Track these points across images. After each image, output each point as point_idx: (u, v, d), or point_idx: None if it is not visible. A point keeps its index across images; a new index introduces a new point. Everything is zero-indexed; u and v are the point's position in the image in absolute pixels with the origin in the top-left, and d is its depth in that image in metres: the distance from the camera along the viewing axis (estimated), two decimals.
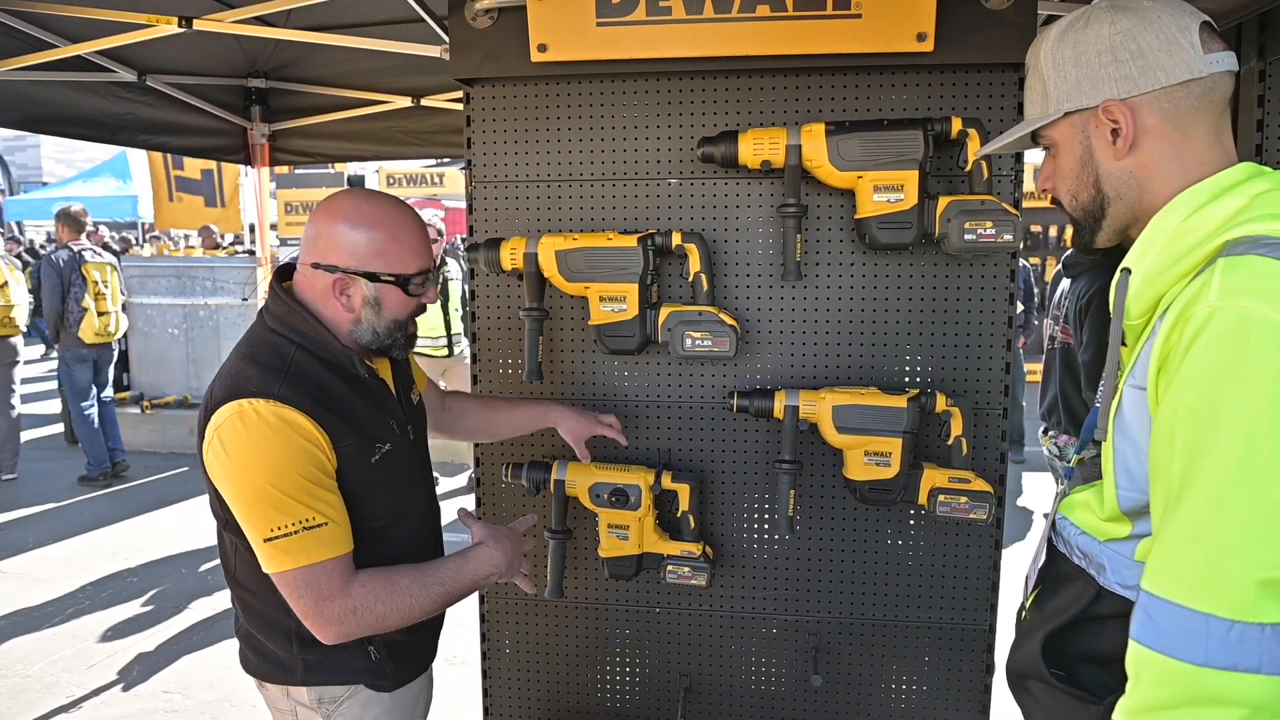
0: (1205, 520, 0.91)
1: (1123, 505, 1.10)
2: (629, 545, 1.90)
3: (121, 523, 5.71)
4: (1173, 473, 0.95)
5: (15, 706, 3.51)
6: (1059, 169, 1.19)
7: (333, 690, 1.55)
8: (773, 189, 1.90)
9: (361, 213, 1.46)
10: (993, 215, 1.70)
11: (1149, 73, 1.07)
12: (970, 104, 1.82)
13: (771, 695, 2.06)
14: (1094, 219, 1.18)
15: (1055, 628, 1.17)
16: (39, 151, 24.34)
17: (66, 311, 6.28)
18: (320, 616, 1.39)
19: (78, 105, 3.56)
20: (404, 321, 1.53)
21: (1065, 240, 9.97)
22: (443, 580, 1.50)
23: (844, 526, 1.98)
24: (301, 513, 1.36)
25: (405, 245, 1.47)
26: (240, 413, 1.35)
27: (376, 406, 1.54)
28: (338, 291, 1.46)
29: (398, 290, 1.48)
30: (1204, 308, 0.93)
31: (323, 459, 1.40)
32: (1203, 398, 0.92)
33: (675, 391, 2.00)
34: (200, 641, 4.07)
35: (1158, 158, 1.09)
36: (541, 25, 1.82)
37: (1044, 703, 1.18)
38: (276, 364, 1.42)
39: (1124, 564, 1.10)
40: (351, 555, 1.43)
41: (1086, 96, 1.11)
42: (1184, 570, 0.92)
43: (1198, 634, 0.90)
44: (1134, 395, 1.06)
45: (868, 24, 1.73)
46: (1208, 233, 1.01)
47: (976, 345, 1.89)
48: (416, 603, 1.46)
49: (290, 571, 1.37)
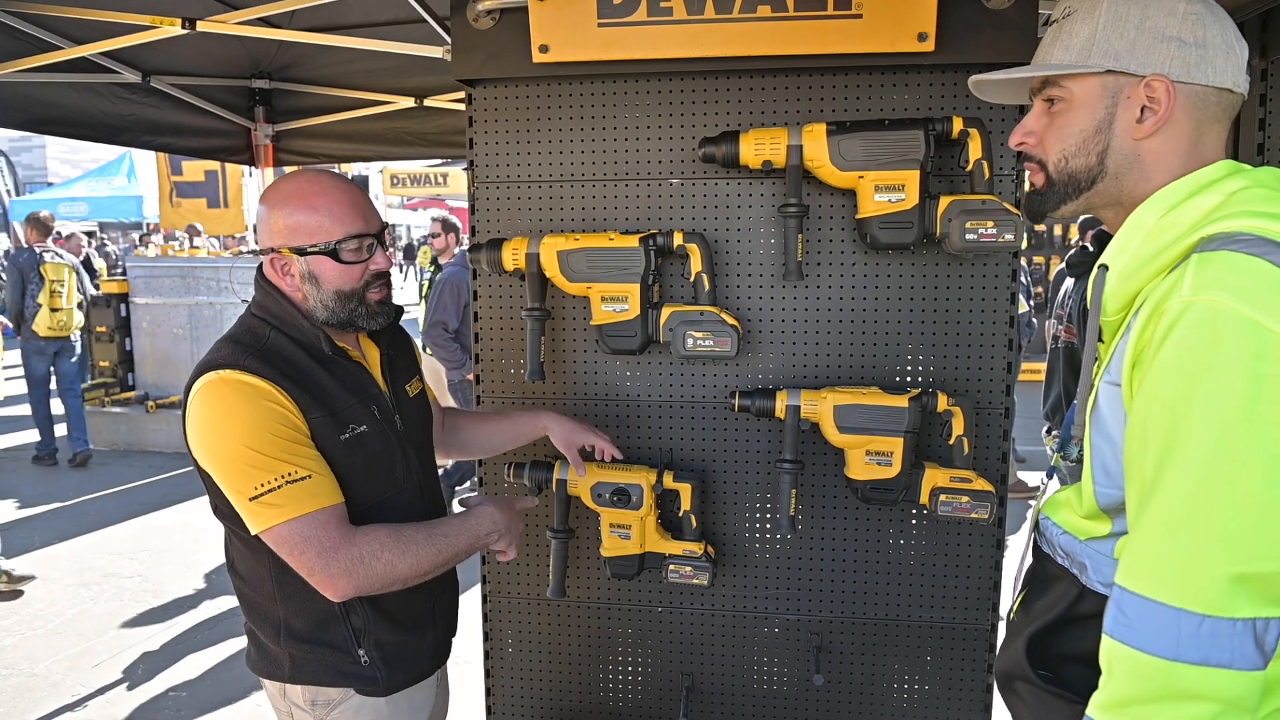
0: (1178, 515, 0.91)
1: (1100, 502, 1.10)
2: (631, 545, 1.91)
3: (126, 522, 5.73)
4: (1146, 468, 0.95)
5: (21, 705, 3.52)
6: (1060, 126, 1.12)
7: (326, 693, 1.54)
8: (774, 189, 1.90)
9: (279, 191, 1.51)
10: (994, 215, 1.70)
11: (1203, 66, 1.05)
12: (971, 104, 1.82)
13: (773, 694, 2.06)
14: (1075, 188, 1.13)
15: (1040, 627, 1.17)
16: (44, 152, 24.40)
17: (25, 307, 6.85)
18: (328, 570, 1.37)
19: (82, 106, 3.57)
20: (352, 292, 1.51)
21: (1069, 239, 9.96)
22: (447, 533, 1.51)
23: (845, 526, 1.98)
24: (282, 468, 1.36)
25: (323, 211, 1.48)
26: (208, 383, 1.40)
27: (350, 389, 1.53)
28: (280, 271, 1.51)
29: (328, 260, 1.48)
30: (1177, 303, 0.93)
31: (295, 421, 1.41)
32: (1176, 392, 0.92)
33: (677, 391, 2.00)
34: (205, 641, 4.08)
35: (1169, 150, 1.07)
36: (543, 26, 1.82)
37: (1030, 703, 1.18)
38: (251, 342, 1.47)
39: (1104, 562, 1.10)
40: (344, 506, 1.42)
41: (1137, 62, 1.05)
42: (1156, 565, 0.93)
43: (1169, 628, 0.90)
44: (1109, 391, 1.06)
45: (868, 24, 1.73)
46: (1184, 229, 1.01)
47: (978, 345, 1.89)
48: (424, 553, 1.45)
49: (280, 526, 1.36)
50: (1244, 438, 0.88)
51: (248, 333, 1.50)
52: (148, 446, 7.52)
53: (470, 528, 1.56)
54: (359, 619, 1.52)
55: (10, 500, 6.21)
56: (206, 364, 1.44)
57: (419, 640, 1.62)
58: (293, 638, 1.51)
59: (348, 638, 1.52)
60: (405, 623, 1.59)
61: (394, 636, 1.56)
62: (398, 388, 1.67)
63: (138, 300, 7.94)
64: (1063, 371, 3.42)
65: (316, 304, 1.51)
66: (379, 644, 1.54)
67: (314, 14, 3.03)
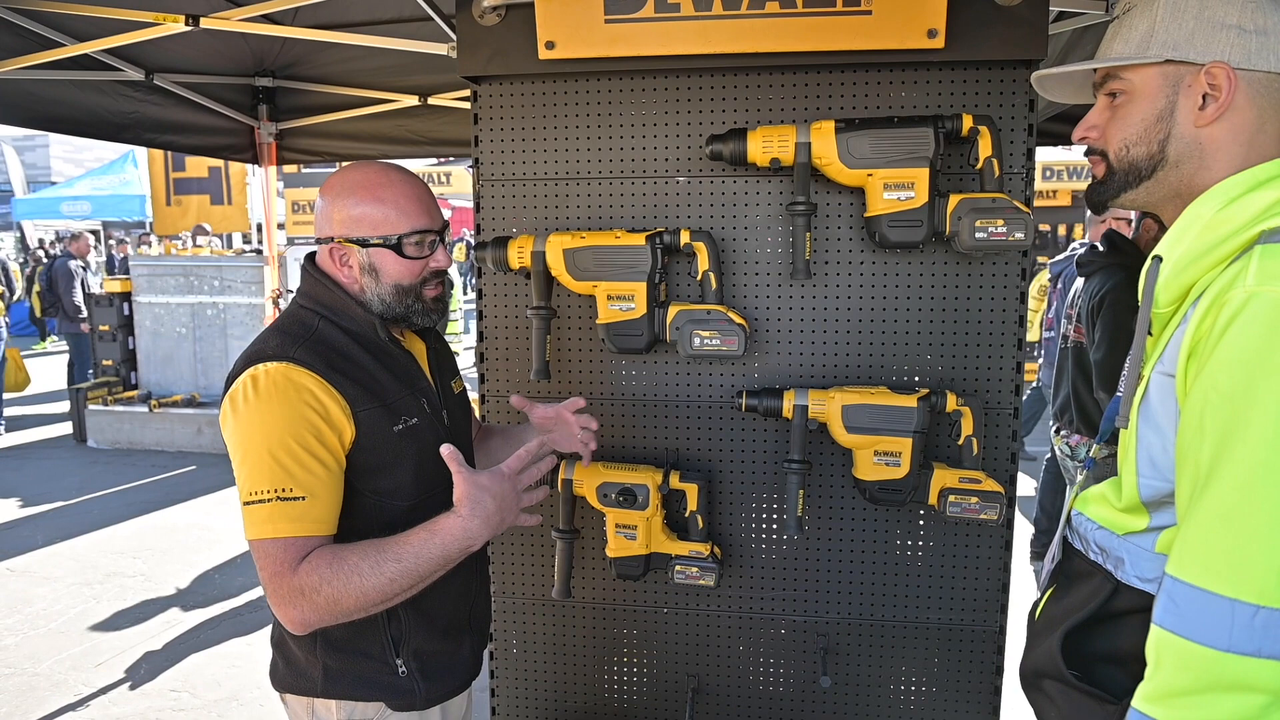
0: (1233, 504, 0.90)
1: (1143, 494, 1.08)
2: (637, 545, 1.89)
3: (129, 521, 5.73)
4: (1202, 457, 0.94)
5: (24, 704, 3.52)
6: (1122, 117, 1.13)
7: (362, 709, 1.49)
8: (782, 187, 1.88)
9: (344, 181, 1.50)
10: (1004, 213, 1.68)
11: (1264, 52, 1.04)
12: (981, 101, 1.81)
13: (780, 696, 2.05)
14: (1136, 177, 1.13)
15: (1073, 625, 1.16)
16: (48, 151, 24.43)
17: None
18: (275, 595, 1.33)
19: (85, 104, 3.56)
20: (410, 288, 1.51)
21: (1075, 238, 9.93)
22: (401, 556, 1.33)
23: (853, 527, 1.97)
24: (281, 480, 1.33)
25: (390, 205, 1.47)
26: (253, 376, 1.38)
27: (403, 381, 1.52)
28: (338, 261, 1.49)
29: (390, 253, 1.47)
30: (1240, 293, 0.93)
31: (323, 427, 1.37)
32: (1235, 382, 0.91)
33: (683, 391, 1.99)
34: (207, 640, 4.07)
35: (1230, 138, 1.07)
36: (549, 22, 1.81)
37: (1060, 703, 1.16)
38: (300, 332, 1.45)
39: (1144, 557, 1.09)
40: (324, 539, 1.36)
41: (1196, 51, 1.06)
42: (1210, 555, 0.92)
43: (1222, 619, 0.89)
44: (1162, 382, 1.05)
45: (878, 20, 1.71)
46: (1243, 223, 1.00)
47: (987, 344, 1.87)
48: (369, 582, 1.31)
49: (256, 541, 1.34)
50: None
51: (296, 323, 1.48)
52: (150, 445, 7.53)
53: (436, 546, 1.35)
54: (398, 626, 1.48)
55: (13, 499, 6.22)
56: (254, 354, 1.41)
57: (456, 649, 1.59)
58: (329, 646, 1.47)
59: (385, 646, 1.48)
60: (444, 628, 1.55)
61: (432, 644, 1.52)
62: (443, 383, 1.65)
63: (141, 299, 7.95)
64: (1071, 371, 3.40)
65: (374, 297, 1.50)
66: (418, 653, 1.50)
67: (317, 11, 3.02)
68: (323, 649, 1.47)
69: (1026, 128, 1.81)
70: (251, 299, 7.61)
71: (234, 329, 7.77)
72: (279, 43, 3.58)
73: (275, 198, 5.30)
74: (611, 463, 1.93)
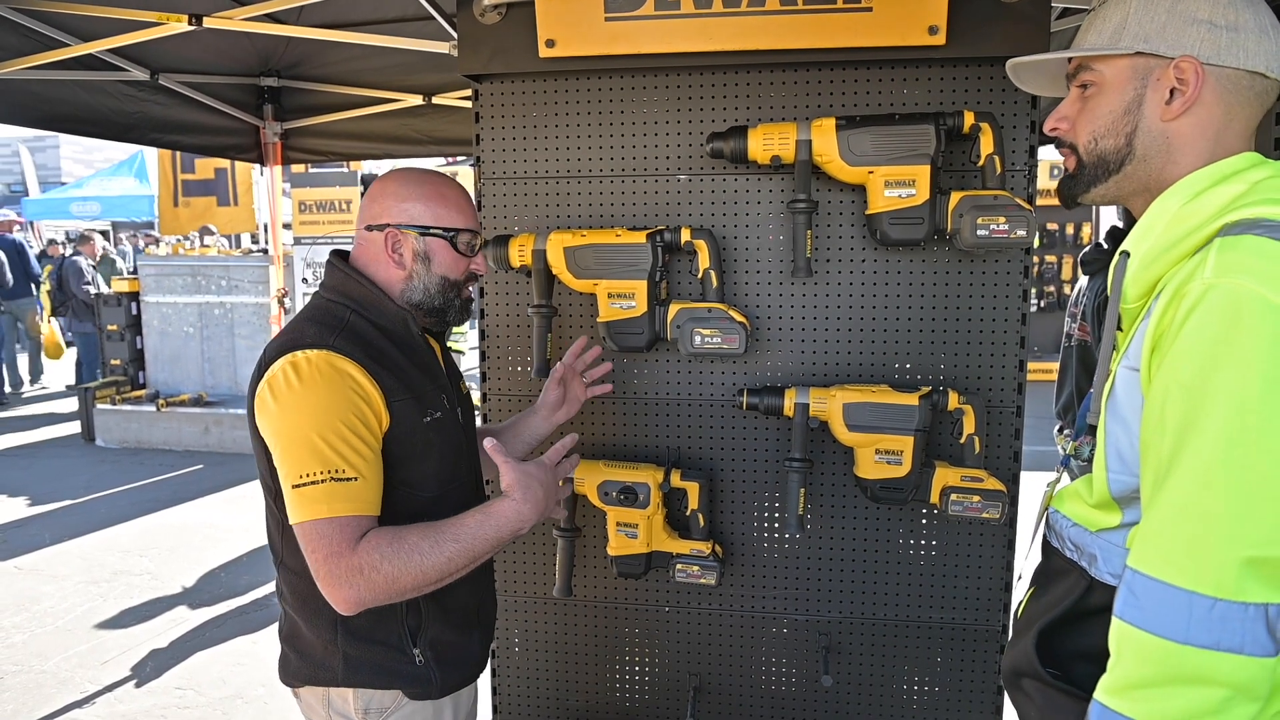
0: (1192, 497, 0.90)
1: (1113, 490, 1.08)
2: (638, 543, 1.89)
3: (136, 520, 5.75)
4: (1163, 450, 0.94)
5: (30, 702, 3.54)
6: (1092, 109, 1.14)
7: (380, 698, 1.49)
8: (783, 184, 1.88)
9: (409, 177, 1.56)
10: (1006, 210, 1.68)
11: (1234, 49, 1.04)
12: (983, 98, 1.80)
13: (781, 695, 2.04)
14: (1105, 170, 1.14)
15: (1048, 622, 1.16)
16: (58, 152, 24.54)
17: None
18: (330, 575, 1.33)
19: (90, 104, 3.57)
20: (455, 282, 1.56)
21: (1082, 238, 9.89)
22: (459, 536, 1.38)
23: (855, 525, 1.96)
24: (334, 461, 1.34)
25: (451, 203, 1.54)
26: (293, 362, 1.38)
27: (428, 375, 1.55)
28: (390, 248, 1.52)
29: (446, 245, 1.53)
30: (1199, 285, 0.93)
31: (368, 413, 1.39)
32: (1195, 374, 0.91)
33: (684, 389, 1.98)
34: (213, 638, 4.08)
35: (1198, 133, 1.07)
36: (550, 20, 1.81)
37: (1038, 701, 1.16)
38: (334, 323, 1.46)
39: (1116, 553, 1.09)
40: (374, 520, 1.38)
41: (1167, 44, 1.06)
42: (1169, 547, 0.92)
43: (1180, 611, 0.89)
44: (1127, 376, 1.05)
45: (879, 17, 1.71)
46: (1207, 217, 1.00)
47: (989, 342, 1.87)
48: (429, 561, 1.35)
49: (309, 523, 1.34)
50: (1261, 421, 0.87)
51: (327, 314, 1.48)
52: (158, 444, 7.55)
53: (491, 529, 1.41)
54: (416, 615, 1.50)
55: (22, 497, 6.24)
56: (289, 343, 1.41)
57: (468, 641, 1.60)
58: (350, 634, 1.47)
59: (403, 635, 1.49)
60: (458, 620, 1.57)
61: (447, 635, 1.54)
62: (455, 385, 1.68)
63: (148, 299, 7.98)
64: (1075, 370, 3.38)
65: (420, 284, 1.53)
66: (434, 643, 1.52)
67: (321, 10, 3.03)
68: (343, 638, 1.48)
69: (1029, 124, 1.80)
70: (258, 298, 7.63)
71: (241, 328, 7.79)
72: (284, 42, 3.59)
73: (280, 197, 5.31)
74: (613, 461, 1.93)
